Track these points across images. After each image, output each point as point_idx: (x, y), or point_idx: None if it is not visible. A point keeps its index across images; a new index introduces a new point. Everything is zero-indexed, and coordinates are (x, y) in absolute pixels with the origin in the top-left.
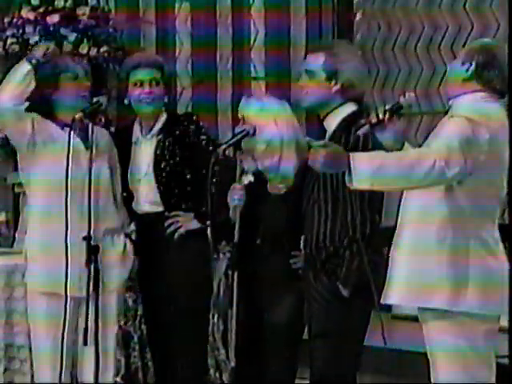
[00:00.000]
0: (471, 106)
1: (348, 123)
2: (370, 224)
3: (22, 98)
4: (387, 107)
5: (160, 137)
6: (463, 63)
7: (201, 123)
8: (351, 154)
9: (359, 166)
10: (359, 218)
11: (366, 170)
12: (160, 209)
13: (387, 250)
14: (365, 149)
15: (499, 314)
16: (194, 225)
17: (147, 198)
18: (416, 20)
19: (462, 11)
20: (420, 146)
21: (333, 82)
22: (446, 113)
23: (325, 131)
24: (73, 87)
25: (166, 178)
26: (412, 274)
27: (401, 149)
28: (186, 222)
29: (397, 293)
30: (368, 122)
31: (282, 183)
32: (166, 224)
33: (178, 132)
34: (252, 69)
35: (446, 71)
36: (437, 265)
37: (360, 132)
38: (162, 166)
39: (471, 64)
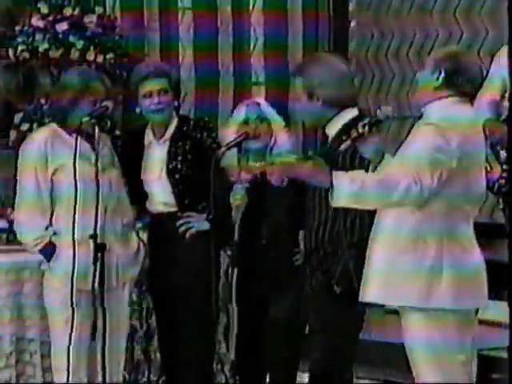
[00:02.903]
0: (442, 113)
1: (348, 128)
2: (369, 230)
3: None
4: (366, 121)
5: (173, 140)
6: (433, 72)
7: (213, 128)
8: (333, 173)
9: (340, 185)
10: (358, 223)
11: (346, 191)
12: (173, 209)
13: None
14: (349, 163)
15: (475, 309)
16: (206, 226)
17: (161, 199)
18: (408, 27)
19: (452, 19)
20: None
21: (314, 99)
22: (419, 118)
23: (327, 137)
24: (89, 96)
25: (180, 181)
26: (387, 272)
27: (381, 160)
28: (198, 223)
29: (373, 291)
30: (349, 137)
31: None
32: (178, 224)
33: (190, 136)
34: (252, 74)
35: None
36: (410, 263)
37: (342, 147)
38: (176, 169)
39: (440, 72)
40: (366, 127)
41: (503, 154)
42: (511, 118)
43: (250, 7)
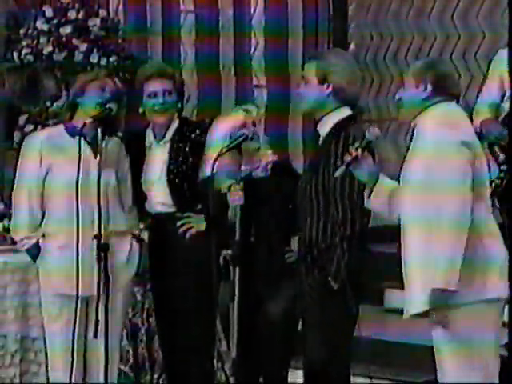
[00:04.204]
0: (441, 114)
1: (341, 127)
2: (360, 223)
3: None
4: (357, 144)
5: (173, 142)
6: (417, 87)
7: None
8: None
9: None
10: (349, 218)
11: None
12: (172, 210)
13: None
14: (348, 187)
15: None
16: (205, 226)
17: (160, 199)
18: (406, 30)
19: (449, 22)
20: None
21: (325, 85)
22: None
23: (318, 135)
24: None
25: (178, 181)
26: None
27: (376, 181)
28: (198, 223)
29: (419, 300)
30: (342, 162)
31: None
32: (177, 224)
33: (190, 138)
34: (254, 76)
35: None
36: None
37: (337, 173)
38: (175, 170)
39: (426, 85)
40: (359, 150)
41: (501, 154)
42: (511, 119)
43: (251, 11)
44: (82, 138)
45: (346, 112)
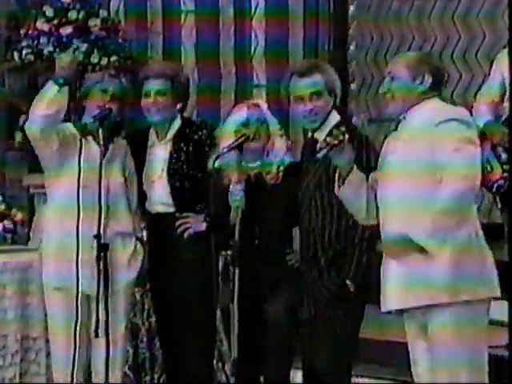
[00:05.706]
0: (437, 108)
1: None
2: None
3: (53, 117)
4: (343, 129)
5: (174, 141)
6: (414, 78)
7: (214, 130)
8: None
9: None
10: None
11: None
12: (172, 210)
13: None
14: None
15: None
16: (204, 226)
17: (160, 199)
18: (407, 30)
19: (450, 23)
20: None
21: (332, 98)
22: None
23: (315, 141)
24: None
25: (179, 181)
26: (408, 275)
27: (350, 171)
28: (197, 224)
29: (395, 298)
30: (327, 143)
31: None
32: (176, 224)
33: (192, 138)
34: (254, 77)
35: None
36: (432, 263)
37: (319, 155)
38: (176, 169)
39: (423, 77)
40: (346, 135)
41: (503, 154)
42: (511, 119)
43: (252, 11)
44: (90, 136)
45: (336, 117)
